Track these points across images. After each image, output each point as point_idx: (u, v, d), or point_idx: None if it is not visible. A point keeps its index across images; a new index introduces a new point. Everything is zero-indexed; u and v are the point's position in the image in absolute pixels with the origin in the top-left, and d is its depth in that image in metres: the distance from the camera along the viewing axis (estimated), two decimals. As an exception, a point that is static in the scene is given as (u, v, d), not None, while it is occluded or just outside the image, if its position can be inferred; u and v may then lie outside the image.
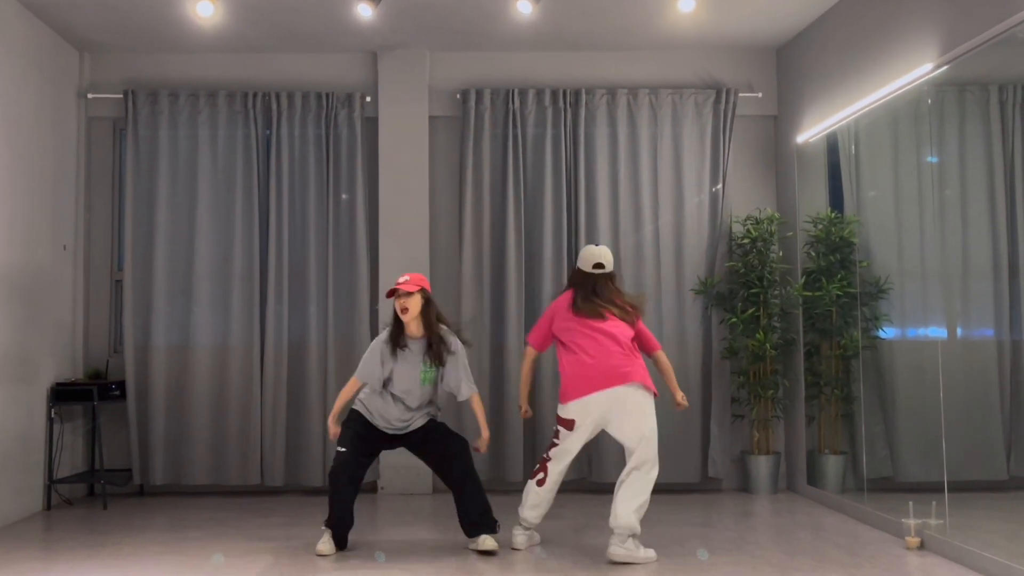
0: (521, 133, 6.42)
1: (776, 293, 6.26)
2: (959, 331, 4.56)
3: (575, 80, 6.56)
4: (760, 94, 6.59)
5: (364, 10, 5.51)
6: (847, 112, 5.46)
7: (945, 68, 4.49)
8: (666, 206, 6.42)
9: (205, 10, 5.41)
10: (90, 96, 6.47)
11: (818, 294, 5.80)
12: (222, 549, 4.69)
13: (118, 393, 6.16)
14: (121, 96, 6.42)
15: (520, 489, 6.31)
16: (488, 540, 4.52)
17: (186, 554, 4.58)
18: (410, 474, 6.23)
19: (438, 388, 4.72)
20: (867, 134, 5.40)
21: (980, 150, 4.44)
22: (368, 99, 6.49)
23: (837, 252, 5.72)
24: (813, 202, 6.06)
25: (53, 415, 5.90)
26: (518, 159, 6.38)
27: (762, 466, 6.21)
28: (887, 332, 5.22)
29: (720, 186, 6.43)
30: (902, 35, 4.92)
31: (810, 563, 4.29)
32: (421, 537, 4.96)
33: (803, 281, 5.97)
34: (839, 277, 5.66)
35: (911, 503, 4.64)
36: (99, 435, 6.02)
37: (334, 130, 6.40)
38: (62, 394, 5.92)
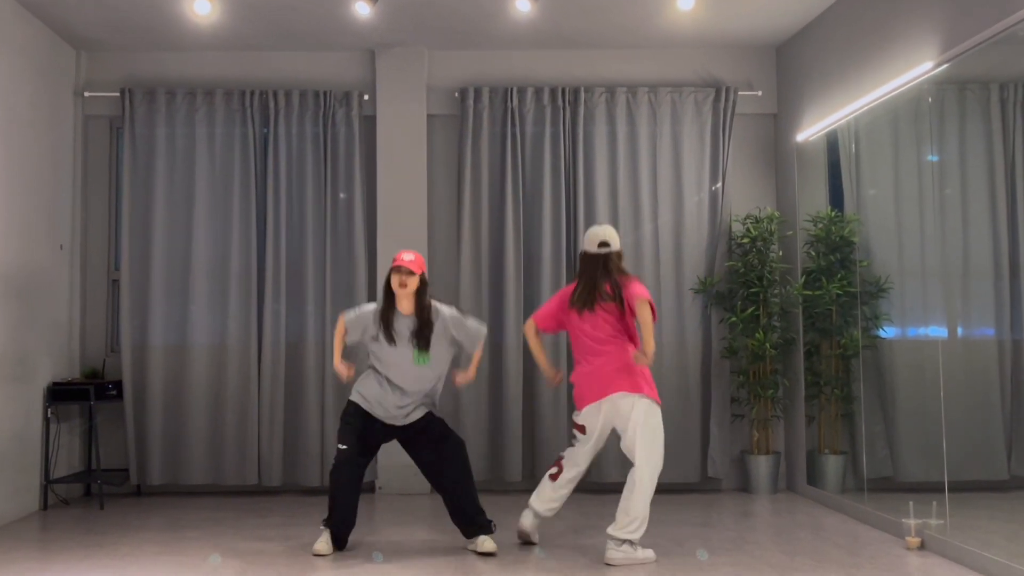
0: (520, 132, 6.40)
1: (776, 292, 6.24)
2: (959, 330, 4.54)
3: (574, 78, 6.54)
4: (760, 92, 6.57)
5: (362, 8, 5.49)
6: (847, 110, 5.45)
7: (945, 66, 4.47)
8: (665, 205, 6.40)
9: (202, 8, 5.39)
10: (87, 94, 6.45)
11: (818, 293, 5.78)
12: (219, 549, 4.67)
13: (115, 393, 6.14)
14: (118, 94, 6.40)
15: (519, 489, 6.33)
16: (487, 542, 4.50)
17: (183, 554, 4.56)
18: (408, 474, 6.20)
19: (437, 372, 4.60)
20: (867, 132, 5.39)
21: (981, 149, 4.42)
22: (366, 97, 6.47)
23: (837, 251, 5.70)
24: (813, 201, 6.04)
25: (50, 415, 5.88)
26: (517, 158, 6.36)
27: (762, 466, 6.19)
28: (887, 331, 5.21)
29: (720, 185, 6.41)
30: (902, 33, 4.91)
31: (810, 563, 4.27)
32: (419, 537, 4.94)
33: (803, 280, 5.95)
34: (839, 276, 5.64)
35: (911, 503, 4.62)
36: (96, 435, 6.00)
37: (332, 129, 6.38)
38: (59, 394, 5.90)
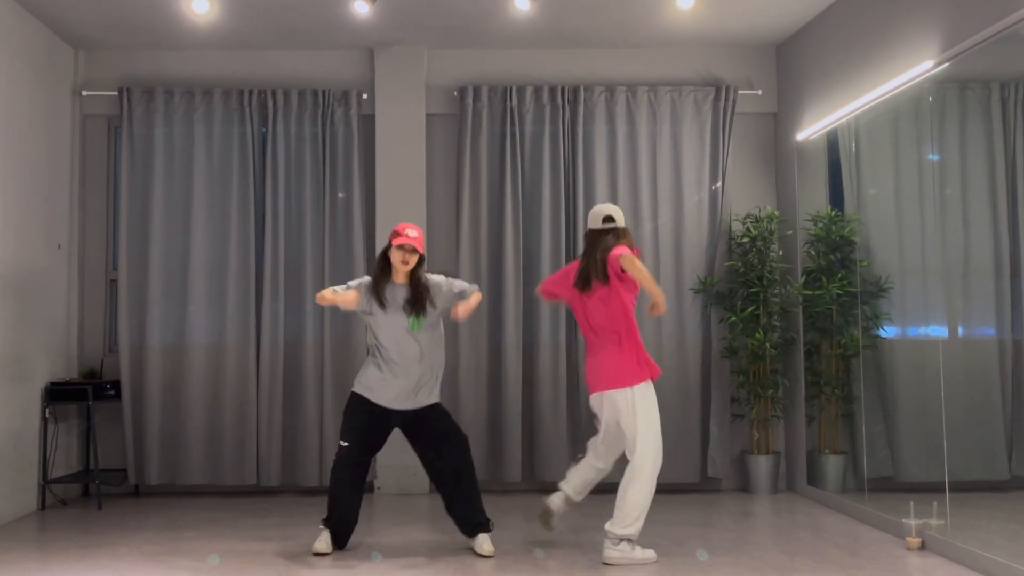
0: (519, 131, 6.38)
1: (776, 292, 6.23)
2: (960, 330, 4.53)
3: (573, 77, 6.52)
4: (760, 91, 6.56)
5: (361, 7, 5.48)
6: (847, 109, 5.43)
7: (946, 65, 4.46)
8: (665, 204, 6.39)
9: (201, 7, 5.38)
10: (85, 93, 6.43)
11: (818, 293, 5.77)
12: (218, 550, 4.66)
13: (113, 393, 6.13)
14: (116, 93, 6.38)
15: (519, 489, 6.32)
16: (486, 544, 4.51)
17: (181, 555, 4.55)
18: (407, 474, 6.20)
19: (431, 339, 4.56)
20: (868, 132, 5.38)
21: (981, 148, 4.41)
22: (365, 96, 6.45)
23: (837, 251, 5.69)
24: (813, 200, 6.03)
25: (48, 415, 5.86)
26: (516, 157, 6.35)
27: (762, 466, 6.18)
28: (888, 331, 5.19)
29: (719, 184, 6.39)
30: (903, 32, 4.89)
31: (810, 564, 4.26)
32: (418, 538, 4.93)
33: (803, 280, 5.94)
34: (839, 276, 5.63)
35: (912, 503, 4.61)
36: (94, 435, 5.98)
37: (330, 128, 6.37)
38: (57, 394, 5.89)
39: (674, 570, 4.18)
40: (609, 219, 4.47)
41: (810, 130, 5.99)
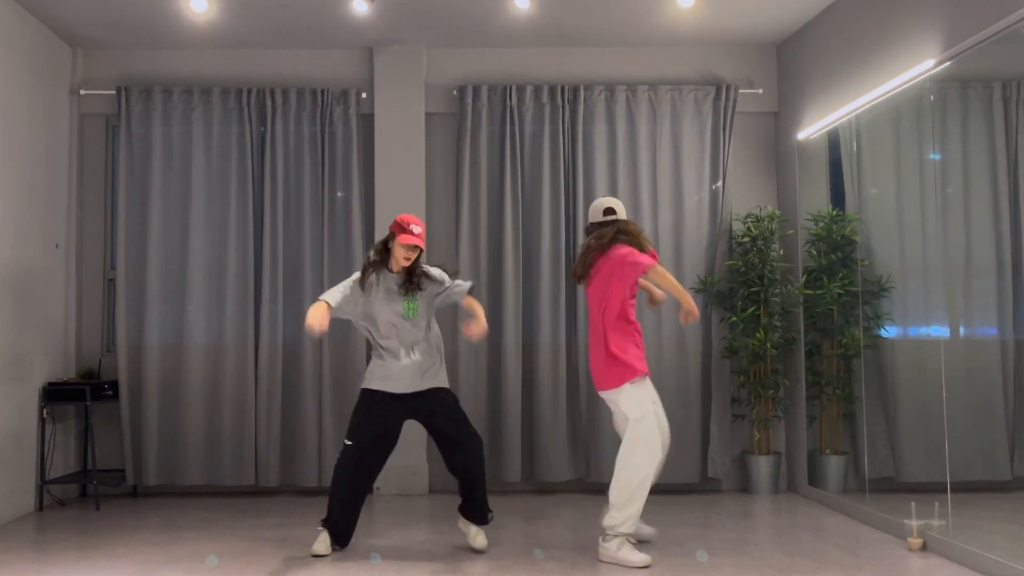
0: (519, 130, 6.37)
1: (777, 292, 6.21)
2: (962, 330, 4.52)
3: (573, 76, 6.51)
4: (760, 90, 6.54)
5: (360, 5, 5.47)
6: (848, 109, 5.42)
7: (948, 64, 4.45)
8: (665, 204, 6.37)
9: (199, 6, 5.38)
10: (83, 92, 6.41)
11: (819, 293, 5.75)
12: (216, 550, 4.64)
13: (111, 393, 6.11)
14: (114, 92, 6.36)
15: (518, 490, 6.30)
16: (479, 538, 4.57)
17: (180, 555, 4.54)
18: (407, 474, 6.18)
19: (425, 323, 4.58)
20: (869, 131, 5.36)
21: (983, 147, 4.40)
22: (364, 96, 6.43)
23: (838, 250, 5.68)
24: (814, 200, 6.02)
25: (45, 415, 5.85)
26: (516, 156, 6.33)
27: (762, 466, 6.16)
28: (889, 331, 5.18)
29: (720, 184, 6.38)
30: (904, 31, 4.88)
31: (811, 564, 4.25)
32: (417, 538, 4.91)
33: (804, 280, 5.93)
34: (840, 275, 5.61)
35: (913, 504, 4.60)
36: (92, 435, 5.97)
37: (329, 127, 6.35)
38: (54, 394, 5.87)
39: (674, 571, 4.16)
40: (610, 211, 4.46)
41: (811, 129, 5.97)
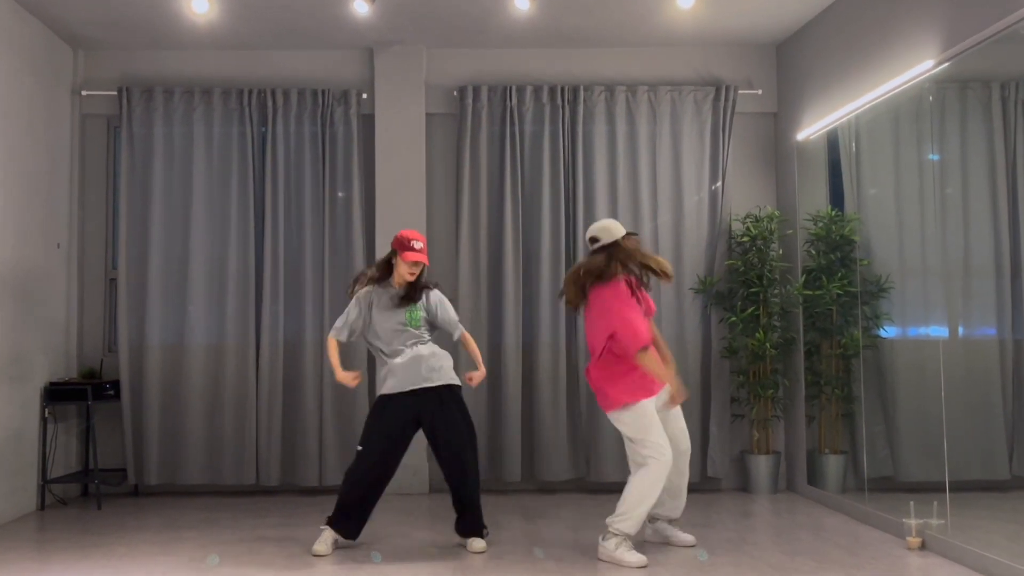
0: (519, 131, 6.38)
1: (776, 292, 6.22)
2: (961, 330, 4.53)
3: (573, 77, 6.52)
4: (760, 91, 6.55)
5: (360, 6, 5.47)
6: (848, 109, 5.43)
7: (946, 65, 4.46)
8: (665, 204, 6.38)
9: (200, 6, 5.38)
10: (84, 93, 6.43)
11: (818, 293, 5.76)
12: (217, 550, 4.65)
13: (112, 393, 6.12)
14: (115, 93, 6.37)
15: (519, 489, 6.31)
16: (476, 543, 4.59)
17: (181, 555, 4.55)
18: (407, 474, 6.19)
19: (426, 330, 4.71)
20: (868, 131, 5.37)
21: (982, 147, 4.41)
22: (364, 96, 6.45)
23: (837, 250, 5.69)
24: (813, 200, 6.03)
25: (47, 415, 5.86)
26: (516, 157, 6.34)
27: (762, 466, 6.17)
28: (888, 331, 5.19)
29: (719, 184, 6.39)
30: (903, 32, 4.89)
31: (810, 564, 4.26)
32: (418, 537, 4.92)
33: (803, 280, 5.94)
34: (839, 276, 5.62)
35: (912, 503, 4.61)
36: (93, 435, 5.98)
37: (330, 128, 6.36)
38: (56, 393, 5.88)
39: (674, 570, 4.17)
40: (593, 240, 4.52)
41: (810, 130, 5.98)
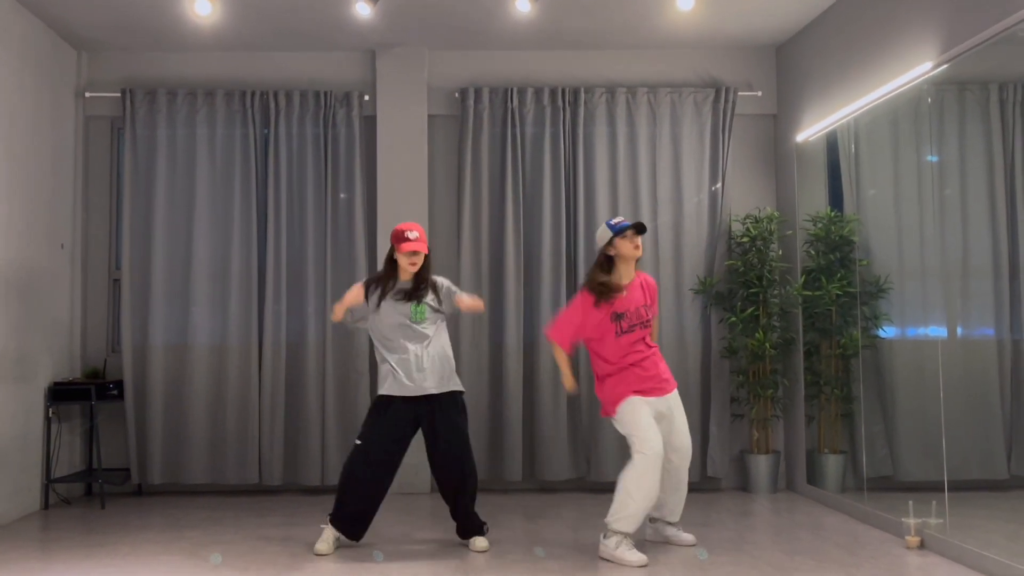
0: (520, 132, 6.40)
1: (775, 292, 6.25)
2: (959, 330, 4.54)
3: (574, 79, 6.55)
4: (759, 93, 6.57)
5: (362, 8, 5.49)
6: (847, 111, 5.45)
7: (945, 67, 4.47)
8: (665, 205, 6.41)
9: (203, 8, 5.40)
10: (88, 95, 6.46)
11: (818, 293, 5.79)
12: (220, 549, 4.68)
13: (116, 392, 6.14)
14: (119, 95, 6.40)
15: (519, 489, 6.34)
16: (479, 541, 4.61)
17: (184, 554, 4.57)
18: (408, 473, 6.21)
19: (439, 333, 4.68)
20: (867, 133, 5.39)
21: (980, 149, 4.42)
22: (367, 98, 6.47)
23: (837, 251, 5.71)
24: (813, 201, 6.05)
25: (51, 414, 5.89)
26: (517, 158, 6.37)
27: (761, 465, 6.19)
28: (887, 331, 5.21)
29: (719, 185, 6.41)
30: (902, 33, 4.91)
31: (810, 563, 4.28)
32: (419, 536, 4.94)
33: (803, 280, 5.96)
34: (839, 276, 5.64)
35: (911, 502, 4.62)
36: (97, 434, 6.00)
37: (332, 129, 6.39)
38: (60, 393, 5.91)
39: (673, 569, 4.19)
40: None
41: (810, 131, 6.00)
